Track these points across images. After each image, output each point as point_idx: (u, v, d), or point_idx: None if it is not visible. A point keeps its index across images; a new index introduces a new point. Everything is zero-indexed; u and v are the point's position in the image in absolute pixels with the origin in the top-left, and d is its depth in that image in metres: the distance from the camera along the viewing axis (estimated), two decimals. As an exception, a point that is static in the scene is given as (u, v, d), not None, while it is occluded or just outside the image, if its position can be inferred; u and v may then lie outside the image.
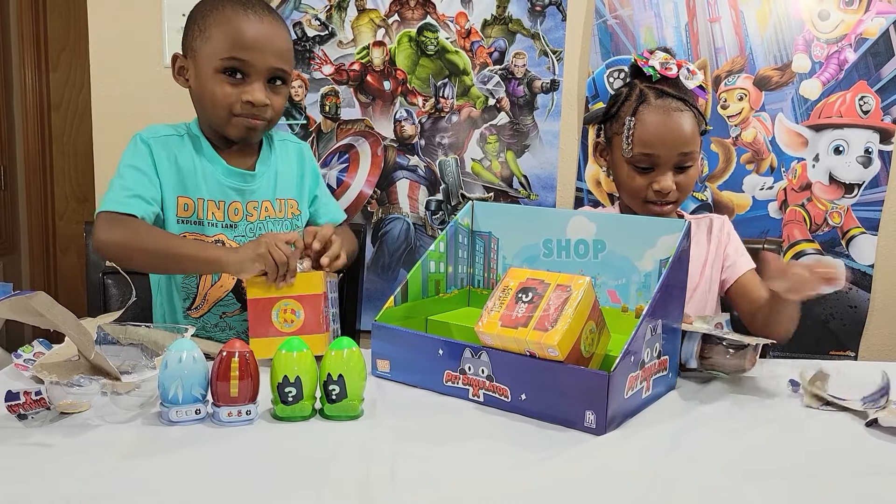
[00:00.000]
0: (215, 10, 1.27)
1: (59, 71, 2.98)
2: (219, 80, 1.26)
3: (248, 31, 1.25)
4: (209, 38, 1.26)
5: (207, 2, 1.29)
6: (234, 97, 1.26)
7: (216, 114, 1.28)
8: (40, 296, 0.90)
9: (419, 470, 0.83)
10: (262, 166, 1.37)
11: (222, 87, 1.26)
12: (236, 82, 1.26)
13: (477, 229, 1.30)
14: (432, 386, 1.08)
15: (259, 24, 1.26)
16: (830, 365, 1.16)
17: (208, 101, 1.28)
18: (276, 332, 1.13)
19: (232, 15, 1.26)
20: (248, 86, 1.26)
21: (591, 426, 0.93)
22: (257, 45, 1.25)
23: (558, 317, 0.96)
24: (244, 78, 1.26)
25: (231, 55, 1.25)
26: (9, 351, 1.13)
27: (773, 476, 0.84)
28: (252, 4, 1.27)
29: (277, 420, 0.95)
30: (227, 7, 1.26)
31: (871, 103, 1.83)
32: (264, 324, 1.14)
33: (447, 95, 1.90)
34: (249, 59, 1.25)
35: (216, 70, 1.26)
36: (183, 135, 1.34)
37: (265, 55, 1.26)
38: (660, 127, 1.33)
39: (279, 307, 1.14)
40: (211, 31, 1.26)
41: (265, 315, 1.14)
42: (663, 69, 1.35)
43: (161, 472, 0.81)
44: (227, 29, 1.25)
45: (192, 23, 1.29)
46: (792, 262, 1.18)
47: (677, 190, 1.36)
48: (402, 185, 1.95)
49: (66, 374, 0.96)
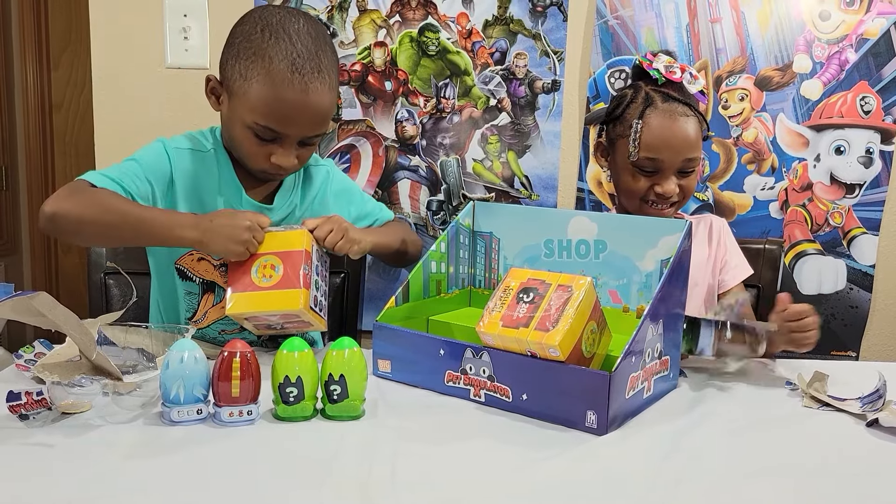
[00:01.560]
0: (262, 56, 1.15)
1: (60, 70, 2.98)
2: (250, 136, 1.19)
3: (290, 101, 1.15)
4: (248, 91, 1.16)
5: (255, 34, 1.17)
6: (263, 156, 1.21)
7: (243, 160, 1.25)
8: (42, 296, 0.91)
9: (420, 470, 0.83)
10: (281, 199, 1.32)
11: (252, 144, 1.20)
12: (266, 143, 1.20)
13: (478, 229, 1.30)
14: (433, 386, 1.08)
15: (303, 93, 1.15)
16: (829, 366, 1.16)
17: (238, 146, 1.23)
18: (253, 286, 1.12)
19: (278, 77, 1.14)
20: (278, 147, 1.20)
21: (592, 426, 0.93)
22: (296, 118, 1.17)
23: (559, 317, 0.96)
24: (276, 141, 1.20)
25: (266, 124, 1.17)
26: (10, 351, 1.13)
27: (774, 476, 0.84)
28: (301, 64, 1.15)
29: (279, 420, 0.95)
30: (274, 59, 1.15)
31: (872, 103, 1.83)
32: (243, 278, 1.12)
33: (448, 96, 1.90)
34: (284, 131, 1.18)
35: (248, 127, 1.18)
36: (208, 150, 1.28)
37: (302, 127, 1.19)
38: (666, 132, 1.32)
39: (259, 263, 1.13)
40: (252, 82, 1.16)
41: (246, 269, 1.12)
42: (668, 72, 1.35)
43: (162, 473, 0.81)
44: (268, 93, 1.15)
45: (235, 54, 1.19)
46: (801, 314, 1.18)
47: (680, 193, 1.36)
48: (404, 185, 1.95)
49: (67, 374, 0.96)
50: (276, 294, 1.11)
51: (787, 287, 1.88)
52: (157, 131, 1.87)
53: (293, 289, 1.11)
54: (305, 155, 1.25)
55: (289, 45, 1.15)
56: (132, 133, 1.90)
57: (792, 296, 1.21)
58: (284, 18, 1.18)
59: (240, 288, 1.12)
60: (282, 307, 1.12)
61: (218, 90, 1.23)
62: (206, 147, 1.29)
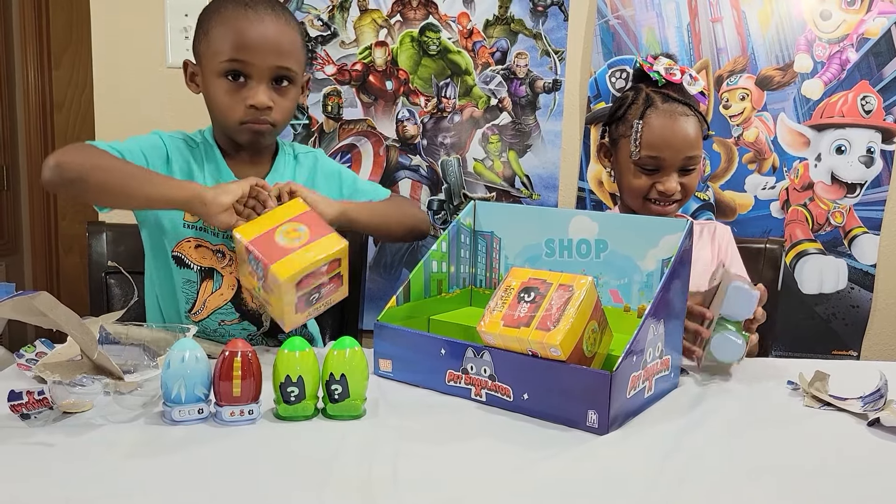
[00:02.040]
0: (217, 11, 1.24)
1: (61, 70, 2.98)
2: (222, 85, 1.23)
3: (248, 31, 1.21)
4: (211, 41, 1.23)
5: (212, 4, 1.26)
6: (240, 104, 1.23)
7: (224, 122, 1.27)
8: (43, 296, 0.91)
9: (421, 469, 0.83)
10: (270, 180, 1.32)
11: (225, 92, 1.23)
12: (239, 86, 1.23)
13: (479, 229, 1.30)
14: (434, 385, 1.08)
15: (259, 23, 1.21)
16: (830, 365, 1.16)
17: (216, 108, 1.27)
18: (290, 249, 1.09)
19: (232, 15, 1.22)
20: (250, 89, 1.23)
21: (593, 426, 0.93)
22: (258, 45, 1.21)
23: (560, 316, 0.96)
24: (246, 81, 1.23)
25: (230, 57, 1.21)
26: (11, 351, 1.13)
27: (775, 476, 0.84)
28: (253, 4, 1.23)
29: (280, 420, 0.95)
30: (228, 7, 1.23)
31: (873, 103, 1.83)
32: (276, 249, 1.09)
33: (449, 95, 1.90)
34: (249, 59, 1.21)
35: (218, 74, 1.23)
36: (197, 144, 1.32)
37: (266, 55, 1.22)
38: (667, 131, 1.35)
39: (281, 231, 1.11)
40: (212, 33, 1.23)
41: (271, 243, 1.10)
42: (668, 74, 1.38)
43: (163, 472, 0.81)
44: (226, 30, 1.22)
45: (199, 27, 1.27)
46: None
47: (682, 191, 1.39)
48: (405, 184, 1.95)
49: (69, 373, 0.96)
50: (316, 245, 1.10)
51: (788, 287, 1.88)
52: (158, 131, 1.88)
53: (327, 235, 1.11)
54: (282, 103, 1.26)
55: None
56: (133, 132, 1.87)
57: (792, 295, 1.21)
58: None
59: (277, 256, 1.09)
60: (328, 252, 1.09)
61: (195, 70, 1.29)
62: (196, 141, 1.33)
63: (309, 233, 1.11)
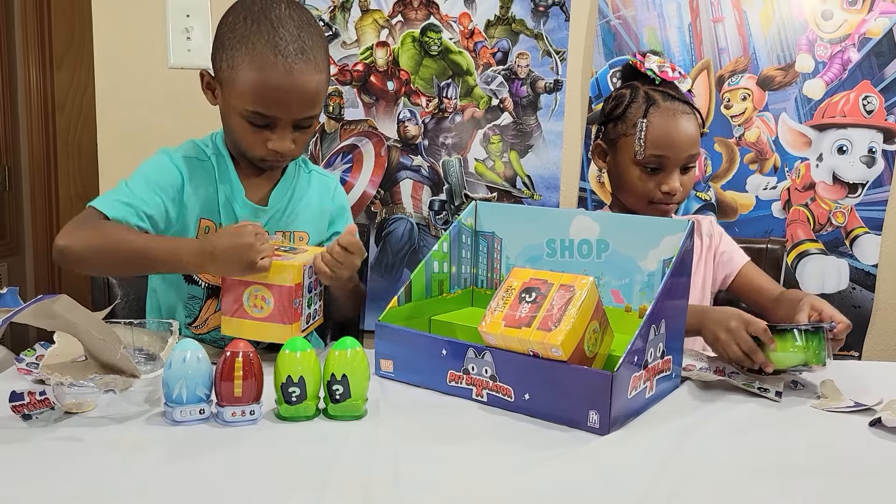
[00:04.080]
0: (245, 43, 1.17)
1: (63, 71, 2.98)
2: (244, 124, 1.21)
3: (277, 85, 1.16)
4: (235, 78, 1.18)
5: (239, 23, 1.19)
6: (260, 143, 1.21)
7: (243, 151, 1.26)
8: (63, 299, 0.91)
9: (422, 470, 0.83)
10: (275, 199, 1.32)
11: (247, 132, 1.21)
12: (261, 129, 1.21)
13: (480, 229, 1.30)
14: (436, 386, 1.08)
15: (288, 76, 1.16)
16: (831, 365, 1.15)
17: (236, 138, 1.25)
18: (245, 314, 1.13)
19: (260, 58, 1.16)
20: (273, 133, 1.21)
21: (594, 426, 0.93)
22: (284, 99, 1.18)
23: (562, 317, 0.96)
24: (270, 127, 1.21)
25: (255, 109, 1.18)
26: (14, 352, 1.13)
27: (776, 475, 0.84)
28: (283, 47, 1.16)
29: (281, 420, 0.95)
30: (257, 45, 1.16)
31: (874, 103, 1.83)
32: (236, 304, 1.13)
33: (450, 96, 1.90)
34: (275, 114, 1.19)
35: (240, 114, 1.20)
36: (208, 158, 1.29)
37: (291, 109, 1.19)
38: (671, 130, 1.35)
39: (250, 291, 1.13)
40: (238, 69, 1.17)
41: (237, 295, 1.13)
42: (661, 72, 1.39)
43: (165, 472, 0.81)
44: (253, 75, 1.16)
45: (221, 45, 1.21)
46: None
47: (682, 190, 1.38)
48: (406, 185, 1.95)
49: (78, 375, 0.97)
50: (267, 326, 1.13)
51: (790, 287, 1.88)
52: (160, 132, 1.89)
53: (283, 324, 1.12)
54: (302, 139, 1.26)
55: (270, 29, 1.17)
56: (135, 133, 1.90)
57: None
58: (266, 5, 1.20)
59: (231, 312, 1.14)
60: (271, 339, 1.13)
61: (213, 84, 1.25)
62: (206, 155, 1.30)
63: (270, 311, 1.12)
